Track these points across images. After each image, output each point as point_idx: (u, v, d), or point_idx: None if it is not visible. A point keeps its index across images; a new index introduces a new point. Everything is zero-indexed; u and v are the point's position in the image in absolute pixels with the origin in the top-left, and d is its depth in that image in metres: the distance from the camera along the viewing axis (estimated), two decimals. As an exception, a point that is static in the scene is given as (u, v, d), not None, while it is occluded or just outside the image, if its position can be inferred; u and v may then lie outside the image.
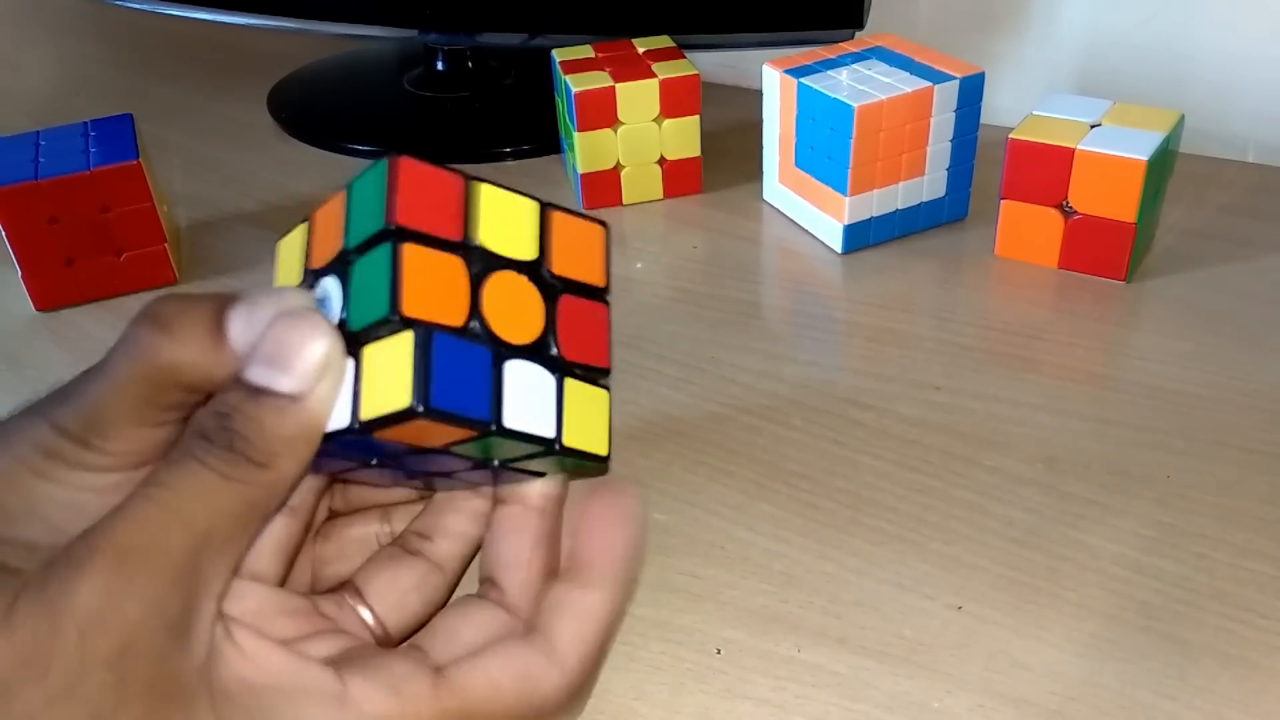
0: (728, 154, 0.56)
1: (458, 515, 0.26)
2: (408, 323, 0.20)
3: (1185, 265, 0.46)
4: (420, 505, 0.27)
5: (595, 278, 0.24)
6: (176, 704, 0.19)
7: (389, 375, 0.21)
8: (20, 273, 0.46)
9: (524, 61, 0.68)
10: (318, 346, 0.20)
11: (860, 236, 0.48)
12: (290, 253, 0.24)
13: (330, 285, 0.22)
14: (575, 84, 0.50)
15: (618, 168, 0.53)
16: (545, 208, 0.24)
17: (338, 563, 0.26)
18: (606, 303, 0.25)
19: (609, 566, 0.23)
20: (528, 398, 0.22)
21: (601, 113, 0.51)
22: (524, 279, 0.23)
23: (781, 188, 0.51)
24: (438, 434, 0.21)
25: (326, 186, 0.58)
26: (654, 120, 0.51)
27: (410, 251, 0.21)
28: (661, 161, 0.53)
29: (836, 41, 0.51)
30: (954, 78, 0.46)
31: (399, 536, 0.26)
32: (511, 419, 0.22)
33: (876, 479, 0.35)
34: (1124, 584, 0.31)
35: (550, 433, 0.23)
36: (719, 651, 0.30)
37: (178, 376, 0.21)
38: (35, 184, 0.44)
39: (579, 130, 0.51)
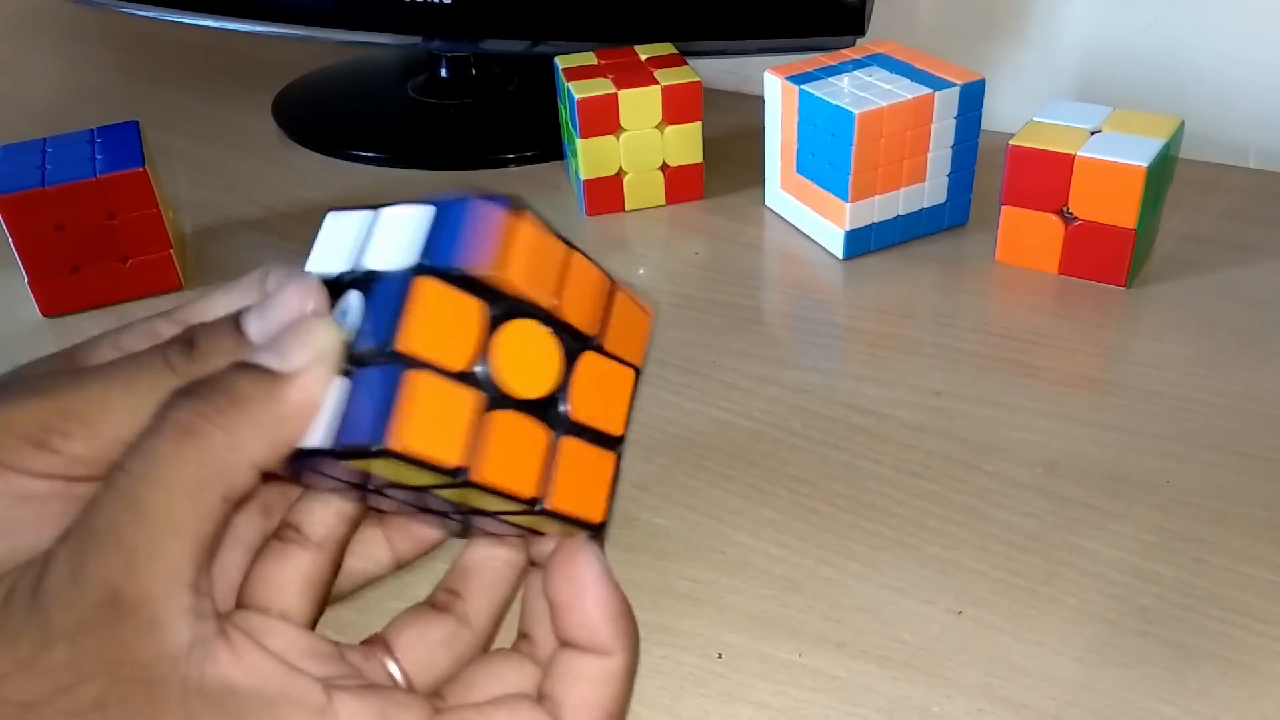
0: (729, 160, 0.57)
1: (488, 573, 0.26)
2: (400, 357, 0.20)
3: (1185, 271, 0.46)
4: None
5: (634, 356, 0.24)
6: (138, 689, 0.19)
7: (364, 407, 0.20)
8: (27, 279, 0.46)
9: (527, 68, 0.68)
10: (311, 333, 0.21)
11: (861, 242, 0.48)
12: (335, 239, 0.23)
13: (354, 299, 0.22)
14: (578, 90, 0.50)
15: (620, 174, 0.53)
16: (614, 282, 0.23)
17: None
18: (638, 371, 0.24)
19: (608, 629, 0.23)
20: (512, 452, 0.21)
21: (604, 119, 0.51)
22: (546, 331, 0.22)
23: (783, 194, 0.52)
24: (410, 474, 0.21)
25: (331, 192, 0.59)
26: (656, 127, 0.52)
27: (425, 286, 0.20)
28: (664, 167, 0.53)
29: (838, 48, 0.52)
30: (954, 84, 0.46)
31: (431, 594, 0.26)
32: (486, 473, 0.21)
33: (877, 484, 0.36)
34: (1123, 589, 0.31)
35: (530, 492, 0.22)
36: (720, 656, 0.30)
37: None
38: (42, 190, 0.45)
39: (582, 137, 0.51)
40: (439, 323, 0.21)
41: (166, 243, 0.48)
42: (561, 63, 0.54)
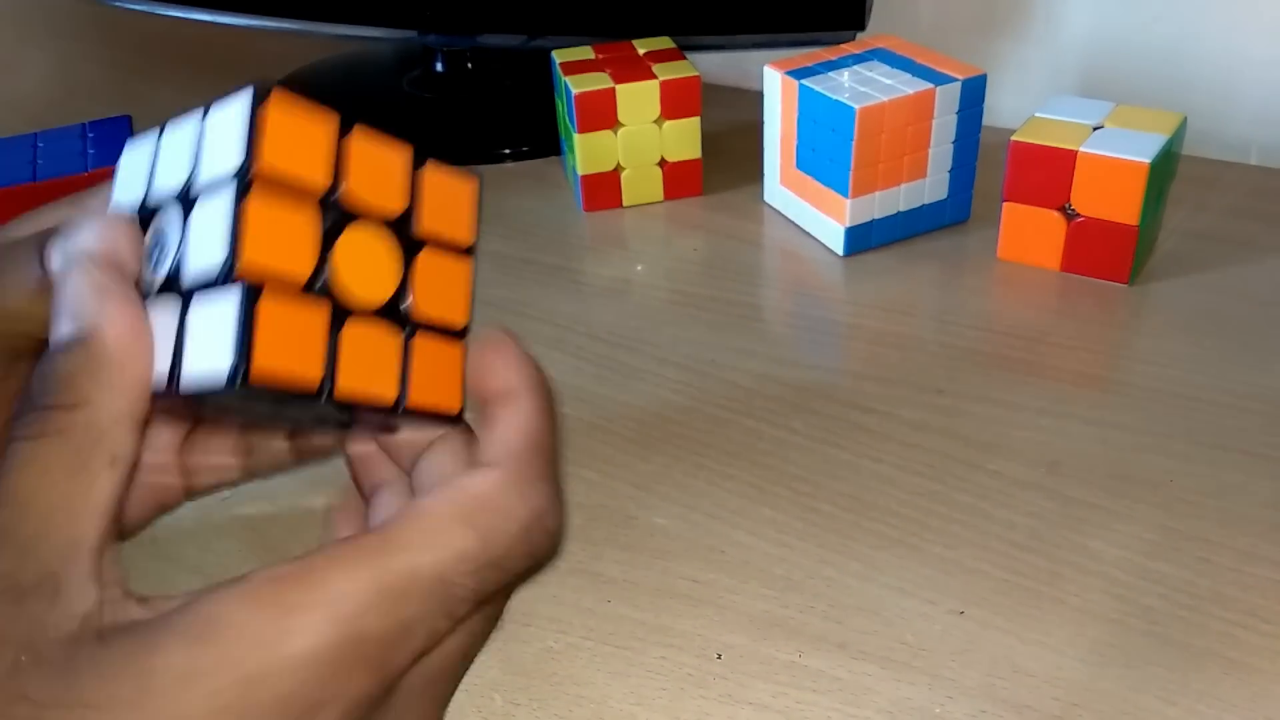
0: (728, 155, 0.56)
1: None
2: (242, 283, 0.19)
3: (1188, 268, 0.46)
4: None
5: (463, 235, 0.23)
6: (54, 645, 0.18)
7: (211, 339, 0.19)
8: (18, 274, 0.46)
9: (524, 63, 0.68)
10: (93, 280, 0.20)
11: (862, 239, 0.48)
12: (135, 167, 0.22)
13: (170, 219, 0.21)
14: (575, 85, 0.50)
15: (618, 169, 0.52)
16: (419, 158, 0.22)
17: None
18: (471, 255, 0.23)
19: (516, 371, 0.23)
20: (367, 360, 0.21)
21: (602, 114, 0.50)
22: (382, 232, 0.22)
23: (783, 190, 0.51)
24: (268, 396, 0.20)
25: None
26: (654, 122, 0.51)
27: (258, 202, 0.19)
28: (662, 163, 0.53)
29: (838, 43, 0.51)
30: (956, 79, 0.46)
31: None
32: (346, 385, 0.21)
33: (878, 483, 0.35)
34: (1127, 589, 0.31)
35: (391, 396, 0.22)
36: (719, 657, 0.30)
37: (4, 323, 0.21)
38: (33, 185, 0.44)
39: (579, 132, 0.51)
40: (275, 236, 0.20)
41: (160, 238, 0.47)
42: (558, 57, 0.53)
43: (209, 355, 0.19)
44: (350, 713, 0.19)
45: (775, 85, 0.49)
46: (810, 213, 0.49)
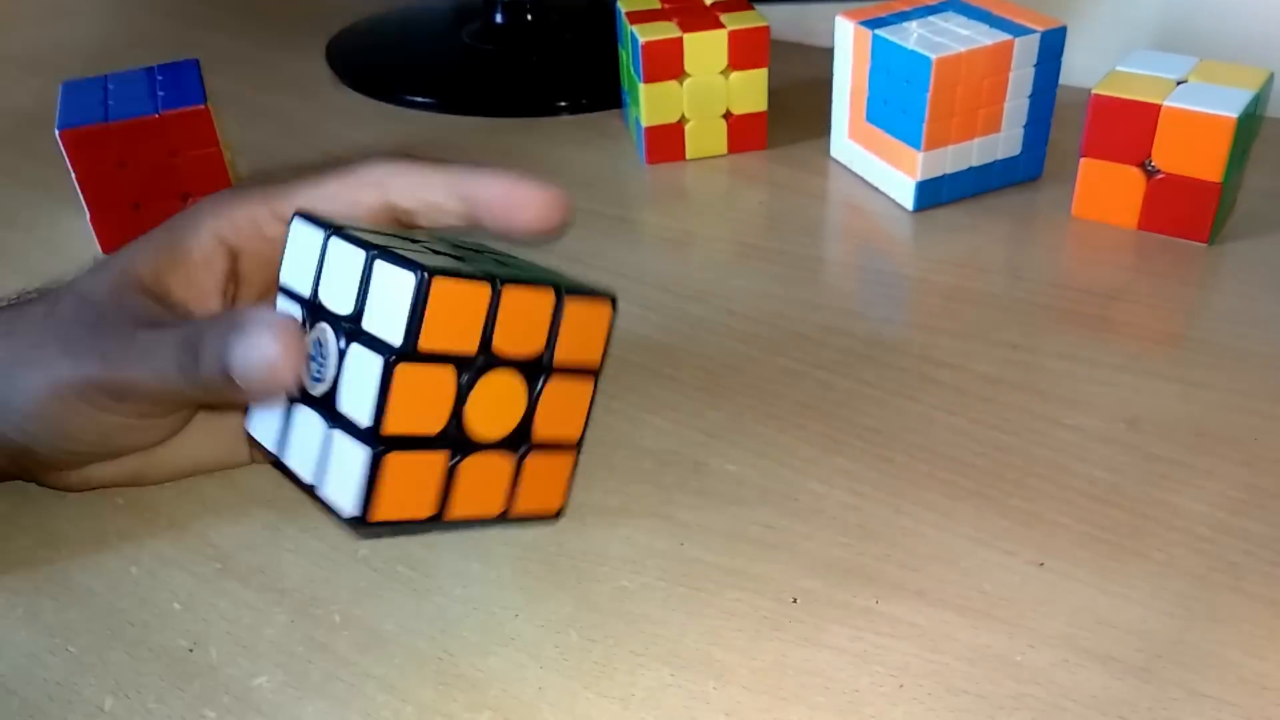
0: (793, 111, 0.55)
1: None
2: (375, 448, 0.22)
3: (1270, 228, 0.45)
4: None
5: (592, 357, 0.25)
6: None
7: (343, 480, 0.22)
8: (89, 215, 0.46)
9: (583, 15, 0.67)
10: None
11: (932, 194, 0.47)
12: (302, 255, 0.24)
13: (328, 338, 0.23)
14: (642, 34, 0.49)
15: (682, 121, 0.52)
16: (561, 296, 0.24)
17: None
18: (596, 376, 0.25)
19: None
20: (479, 489, 0.24)
21: (668, 64, 0.50)
22: (515, 375, 0.23)
23: (851, 144, 0.50)
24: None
25: (385, 137, 0.58)
26: (721, 73, 0.51)
27: (405, 378, 0.22)
28: (727, 115, 0.52)
29: (910, -5, 0.50)
30: (1035, 31, 0.45)
31: None
32: (456, 512, 0.24)
33: (953, 435, 0.35)
34: (1211, 544, 0.30)
35: (495, 513, 0.25)
36: (795, 601, 0.29)
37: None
38: (105, 126, 0.45)
39: (645, 81, 0.50)
40: (416, 403, 0.22)
41: (227, 181, 0.48)
42: (624, 5, 0.53)
43: (341, 492, 0.23)
44: None
45: (847, 36, 0.48)
46: (880, 166, 0.49)
